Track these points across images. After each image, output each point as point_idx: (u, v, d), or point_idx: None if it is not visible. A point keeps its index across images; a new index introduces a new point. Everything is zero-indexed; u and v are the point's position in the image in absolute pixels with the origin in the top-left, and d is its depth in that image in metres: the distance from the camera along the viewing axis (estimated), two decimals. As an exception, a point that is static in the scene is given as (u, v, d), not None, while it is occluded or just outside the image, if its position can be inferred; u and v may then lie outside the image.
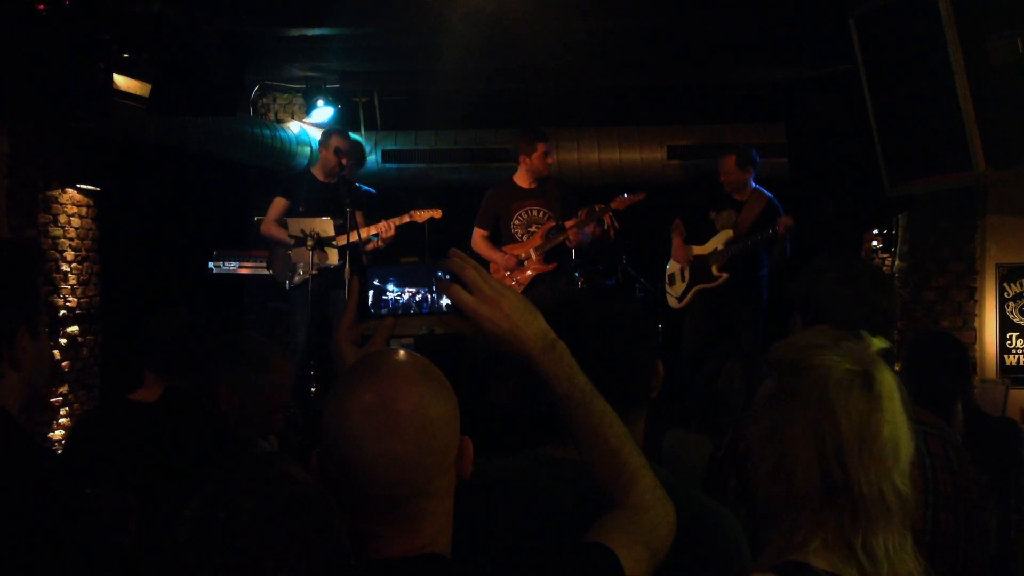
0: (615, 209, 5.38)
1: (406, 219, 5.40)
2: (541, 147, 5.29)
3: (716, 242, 5.35)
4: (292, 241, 5.36)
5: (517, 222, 5.46)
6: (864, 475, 1.13)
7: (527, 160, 5.37)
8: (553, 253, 5.41)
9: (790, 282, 1.82)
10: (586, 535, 1.16)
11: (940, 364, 3.00)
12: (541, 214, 5.43)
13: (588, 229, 5.27)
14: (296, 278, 5.40)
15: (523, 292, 5.31)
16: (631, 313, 1.47)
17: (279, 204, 5.47)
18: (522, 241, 5.45)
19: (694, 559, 1.33)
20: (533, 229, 5.43)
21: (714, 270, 5.32)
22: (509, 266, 5.42)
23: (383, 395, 1.06)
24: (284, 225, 5.45)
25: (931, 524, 1.59)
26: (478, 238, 5.57)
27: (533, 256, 5.40)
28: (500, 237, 5.54)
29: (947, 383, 2.93)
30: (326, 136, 5.56)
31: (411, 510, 1.07)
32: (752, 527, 1.34)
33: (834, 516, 1.14)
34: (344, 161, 5.50)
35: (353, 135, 6.18)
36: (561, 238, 5.34)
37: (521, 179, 5.46)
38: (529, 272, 5.42)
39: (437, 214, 5.43)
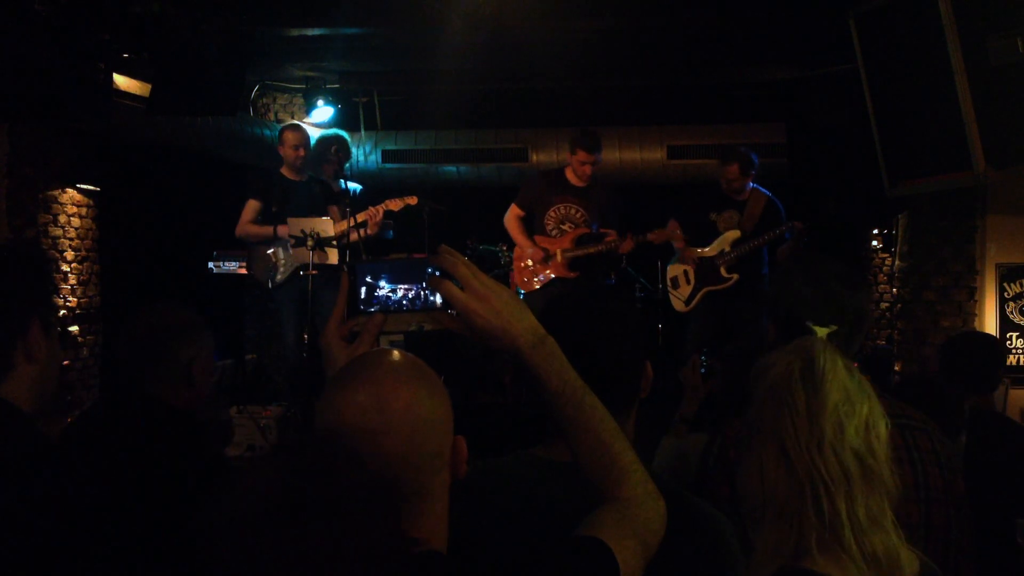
0: (651, 241, 5.36)
1: (381, 208, 5.28)
2: (580, 155, 5.12)
3: (722, 243, 5.33)
4: (270, 234, 5.25)
5: (552, 215, 5.30)
6: (818, 449, 1.17)
7: (570, 159, 5.26)
8: (577, 262, 5.31)
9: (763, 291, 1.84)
10: (579, 529, 1.16)
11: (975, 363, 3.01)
12: (578, 215, 5.28)
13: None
14: (278, 277, 5.35)
15: (538, 290, 5.31)
16: (619, 314, 1.47)
17: (252, 206, 5.35)
18: (551, 236, 5.32)
19: (688, 561, 1.33)
20: (566, 227, 5.29)
21: (723, 272, 5.32)
22: (536, 259, 5.32)
23: (376, 395, 1.06)
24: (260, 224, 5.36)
25: (924, 519, 1.59)
26: (513, 216, 5.39)
27: (559, 258, 5.30)
28: (532, 223, 5.39)
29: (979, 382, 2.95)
30: (279, 133, 5.49)
31: (406, 510, 1.07)
32: (744, 532, 1.35)
33: (815, 501, 1.16)
34: (341, 157, 5.49)
35: (339, 131, 6.16)
36: (592, 250, 5.24)
37: (571, 174, 5.28)
38: (551, 272, 5.33)
39: (412, 201, 5.32)
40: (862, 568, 1.14)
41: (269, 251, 5.35)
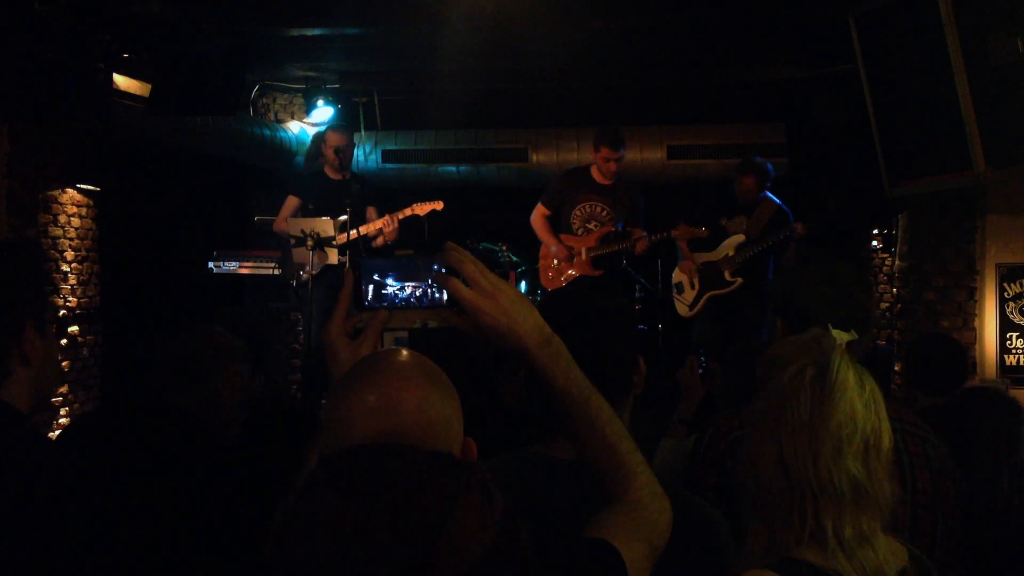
0: (675, 237, 5.35)
1: (408, 212, 5.41)
2: (604, 151, 5.17)
3: (727, 247, 5.33)
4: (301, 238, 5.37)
5: (578, 213, 5.35)
6: (813, 463, 1.16)
7: (594, 156, 5.30)
8: (602, 260, 5.34)
9: (770, 285, 1.85)
10: (585, 531, 1.15)
11: (939, 366, 2.99)
12: (604, 213, 5.33)
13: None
14: (304, 276, 5.41)
15: (563, 287, 5.31)
16: (611, 309, 1.47)
17: (292, 203, 5.51)
18: (577, 234, 5.36)
19: (683, 557, 1.33)
20: (592, 226, 5.34)
21: (727, 275, 5.32)
22: (561, 257, 5.34)
23: (386, 396, 1.05)
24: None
25: (909, 522, 1.59)
26: (539, 216, 5.45)
27: (584, 256, 5.32)
28: (558, 222, 5.44)
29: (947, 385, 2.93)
30: (323, 134, 5.62)
31: None
32: (733, 524, 1.36)
33: (801, 508, 1.17)
34: (328, 151, 5.53)
35: (336, 124, 6.20)
36: (616, 247, 5.28)
37: (596, 172, 5.34)
38: (575, 270, 5.35)
39: (439, 206, 5.42)
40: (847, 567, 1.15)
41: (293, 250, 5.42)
